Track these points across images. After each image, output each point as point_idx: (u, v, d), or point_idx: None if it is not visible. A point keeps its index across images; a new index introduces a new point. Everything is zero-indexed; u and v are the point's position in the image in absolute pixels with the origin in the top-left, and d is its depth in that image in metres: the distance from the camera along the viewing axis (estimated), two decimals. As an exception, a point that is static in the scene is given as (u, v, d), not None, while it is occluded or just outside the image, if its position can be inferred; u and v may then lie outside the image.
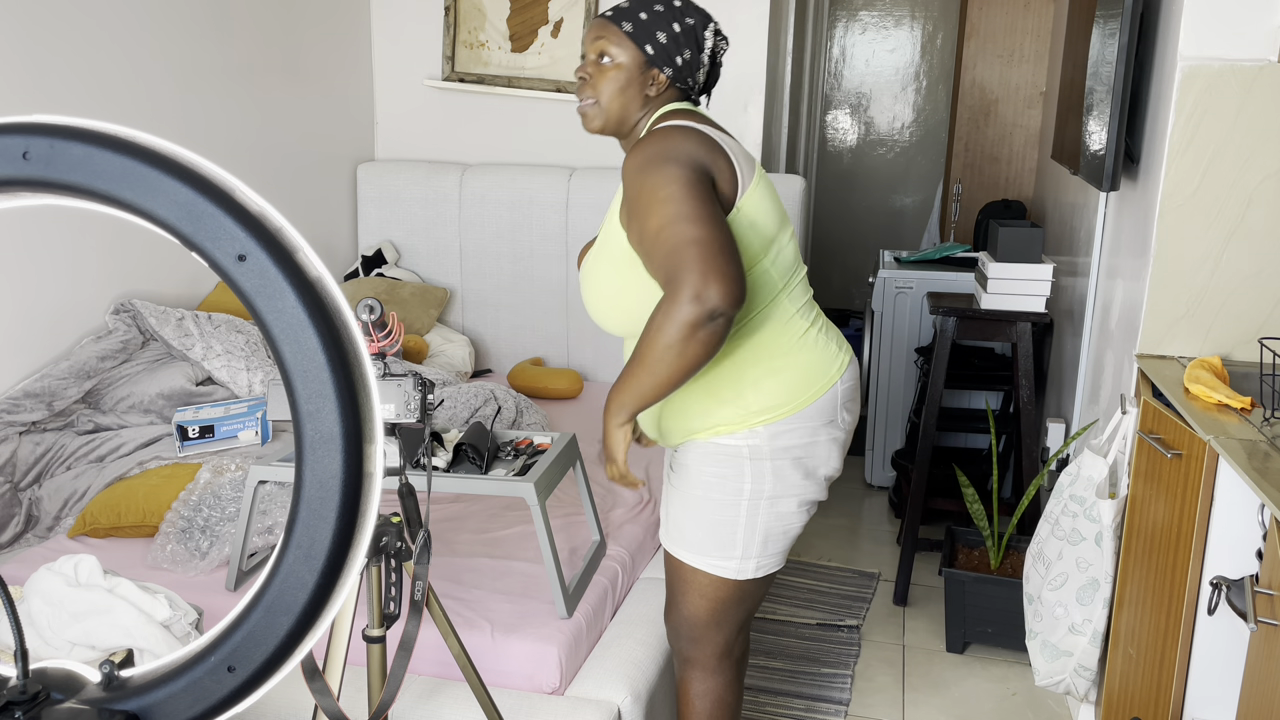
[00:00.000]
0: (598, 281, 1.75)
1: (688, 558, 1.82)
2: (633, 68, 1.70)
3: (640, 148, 1.65)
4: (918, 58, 5.49)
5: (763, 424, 1.73)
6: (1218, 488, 1.79)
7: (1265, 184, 2.12)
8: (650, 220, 1.57)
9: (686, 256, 1.52)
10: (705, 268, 1.51)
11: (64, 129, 0.57)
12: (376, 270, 3.85)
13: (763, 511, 1.77)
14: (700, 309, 1.51)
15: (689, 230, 1.54)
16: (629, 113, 1.73)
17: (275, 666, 0.59)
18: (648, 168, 1.61)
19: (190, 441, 2.64)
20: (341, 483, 0.58)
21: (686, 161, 1.61)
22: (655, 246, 1.57)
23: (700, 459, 1.78)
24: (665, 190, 1.58)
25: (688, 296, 1.51)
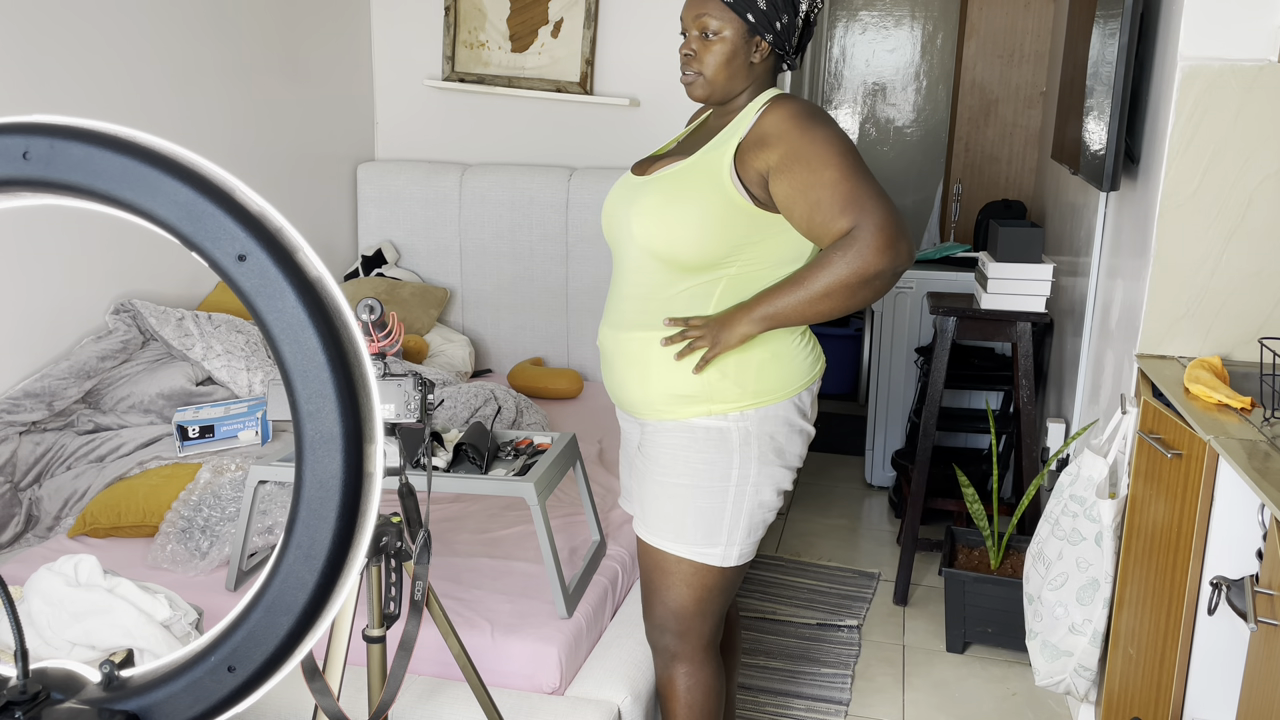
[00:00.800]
0: (683, 211, 1.72)
1: (674, 548, 1.80)
2: (737, 38, 1.72)
3: (793, 102, 1.71)
4: (918, 58, 5.49)
5: (754, 407, 1.75)
6: (1218, 488, 1.79)
7: (1265, 184, 2.12)
8: (827, 170, 1.63)
9: (878, 209, 1.62)
10: (898, 225, 1.63)
11: (64, 129, 0.57)
12: (376, 270, 3.85)
13: (748, 498, 1.78)
14: (889, 261, 1.62)
15: (873, 187, 1.64)
16: (735, 83, 1.76)
17: (275, 666, 0.59)
18: (816, 119, 1.68)
19: (190, 441, 2.64)
20: (341, 483, 0.58)
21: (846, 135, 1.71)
22: (832, 194, 1.63)
23: (684, 444, 1.77)
24: (840, 145, 1.66)
25: (881, 244, 1.61)
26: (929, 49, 5.48)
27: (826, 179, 1.63)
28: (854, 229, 1.63)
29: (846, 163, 1.65)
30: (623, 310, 1.82)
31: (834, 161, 1.64)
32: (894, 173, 5.70)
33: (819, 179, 1.64)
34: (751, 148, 1.70)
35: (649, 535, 1.83)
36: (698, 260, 1.72)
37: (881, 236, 1.62)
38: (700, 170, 1.73)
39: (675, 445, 1.78)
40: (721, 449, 1.76)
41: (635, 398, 1.82)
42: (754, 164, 1.69)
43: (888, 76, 5.55)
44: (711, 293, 1.75)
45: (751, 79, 1.77)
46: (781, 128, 1.68)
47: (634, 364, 1.80)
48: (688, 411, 1.76)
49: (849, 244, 1.63)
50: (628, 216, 1.78)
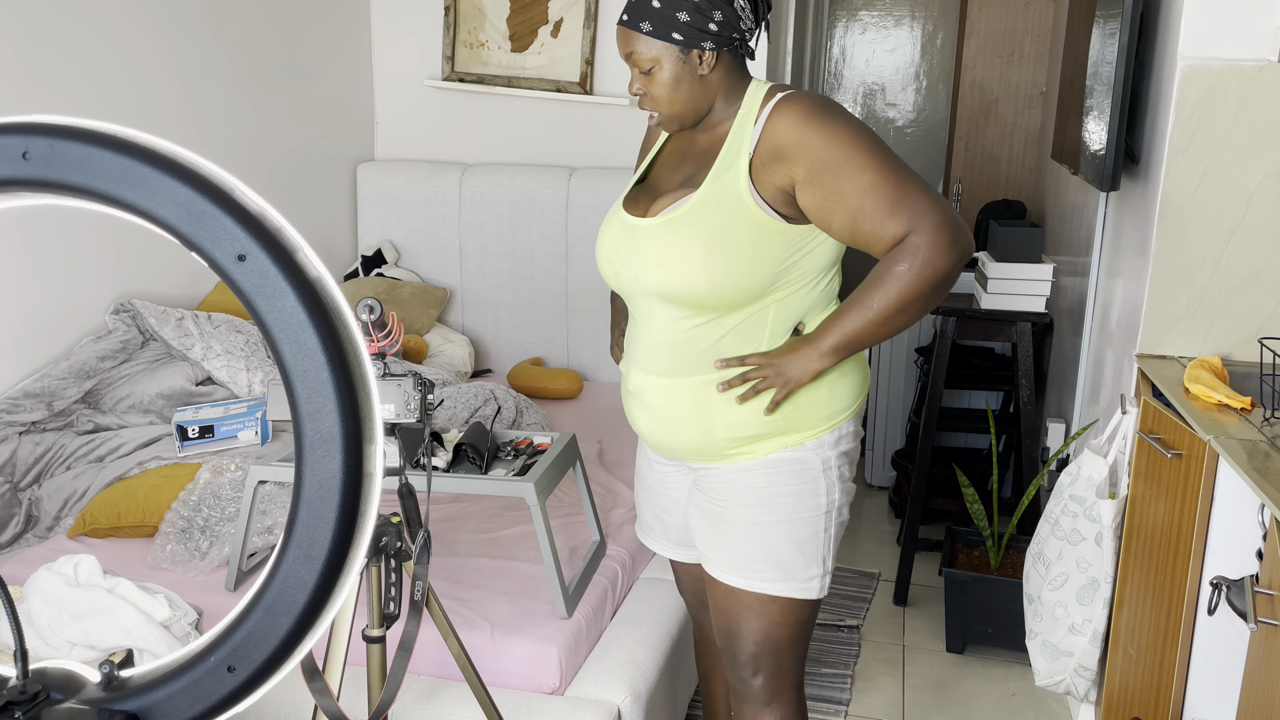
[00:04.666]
0: (715, 252, 1.55)
1: (775, 588, 1.68)
2: (673, 64, 1.56)
3: (800, 101, 1.55)
4: (918, 57, 5.49)
5: (830, 429, 1.66)
6: (1218, 488, 1.79)
7: (1265, 184, 2.12)
8: (863, 174, 1.49)
9: (930, 205, 1.49)
10: (954, 217, 1.50)
11: (64, 129, 0.57)
12: (376, 270, 3.85)
13: (833, 521, 1.70)
14: (957, 258, 1.50)
15: (916, 180, 1.51)
16: (697, 103, 1.60)
17: (275, 666, 0.59)
18: (832, 116, 1.52)
19: (190, 441, 2.64)
20: (341, 483, 0.58)
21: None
22: (875, 199, 1.49)
23: (767, 481, 1.66)
24: (868, 140, 1.51)
25: (945, 243, 1.48)
26: (929, 49, 5.48)
27: (865, 183, 1.49)
28: (909, 233, 1.49)
29: (881, 160, 1.50)
30: (661, 356, 1.66)
31: (867, 162, 1.50)
32: (894, 173, 5.70)
33: (855, 185, 1.49)
34: (767, 162, 1.55)
35: (744, 580, 1.69)
36: (742, 299, 1.58)
37: (944, 235, 1.49)
38: (717, 201, 1.57)
39: (757, 484, 1.66)
40: (806, 477, 1.66)
41: (695, 446, 1.69)
42: (773, 180, 1.55)
43: (888, 76, 5.55)
44: (763, 324, 1.61)
45: (715, 90, 1.61)
46: (797, 134, 1.52)
47: (690, 412, 1.65)
48: (764, 449, 1.65)
49: (911, 251, 1.49)
50: (642, 267, 1.62)
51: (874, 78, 5.56)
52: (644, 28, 1.56)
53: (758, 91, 1.61)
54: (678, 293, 1.59)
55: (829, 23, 5.44)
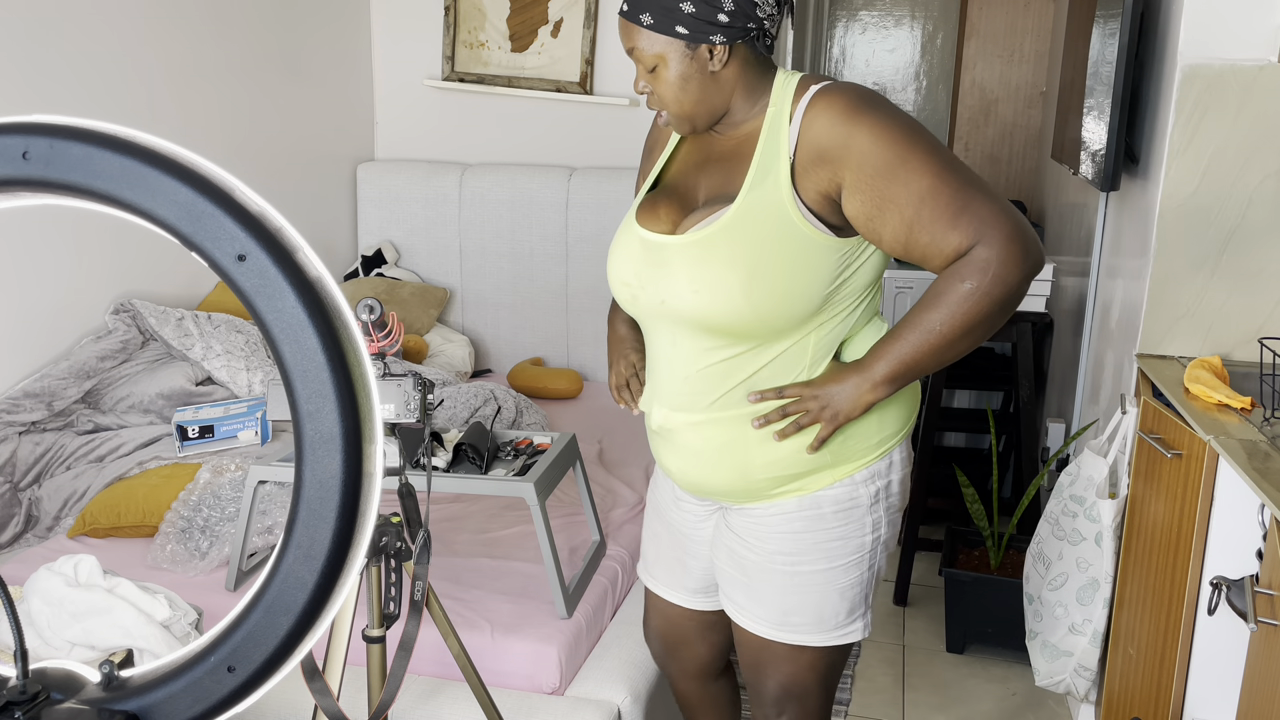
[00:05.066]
0: (761, 274, 1.38)
1: (812, 639, 1.54)
2: (679, 60, 1.39)
3: (840, 95, 1.36)
4: (918, 57, 5.49)
5: (881, 456, 1.51)
6: (1218, 488, 1.79)
7: (1265, 184, 2.12)
8: (920, 178, 1.31)
9: (997, 213, 1.32)
10: (1023, 226, 1.33)
11: (63, 129, 0.57)
12: (376, 270, 3.85)
13: (880, 557, 1.56)
14: (1028, 273, 1.34)
15: (979, 183, 1.34)
16: (711, 103, 1.43)
17: (275, 666, 0.59)
18: (878, 111, 1.35)
19: (190, 441, 2.64)
20: (341, 483, 0.58)
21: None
22: (934, 207, 1.32)
23: (810, 524, 1.50)
24: (922, 139, 1.34)
25: (1017, 257, 1.31)
26: (929, 49, 5.47)
27: (922, 188, 1.32)
28: (975, 245, 1.32)
29: (938, 162, 1.32)
30: (689, 390, 1.49)
31: (923, 165, 1.32)
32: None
33: (911, 190, 1.32)
34: (809, 166, 1.37)
35: (773, 630, 1.55)
36: (788, 326, 1.41)
37: (1015, 248, 1.31)
38: (757, 213, 1.38)
39: (797, 529, 1.50)
40: (853, 516, 1.50)
41: (732, 488, 1.52)
42: (817, 185, 1.37)
43: (888, 76, 5.55)
44: (804, 352, 1.45)
45: (731, 88, 1.43)
46: (841, 133, 1.34)
47: (725, 451, 1.49)
48: (811, 485, 1.49)
49: (978, 267, 1.31)
50: (670, 292, 1.44)
51: (874, 78, 5.56)
52: (645, 20, 1.38)
53: (787, 85, 1.42)
54: (716, 320, 1.41)
55: (829, 23, 5.43)
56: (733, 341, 1.43)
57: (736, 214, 1.38)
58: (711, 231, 1.39)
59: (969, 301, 1.33)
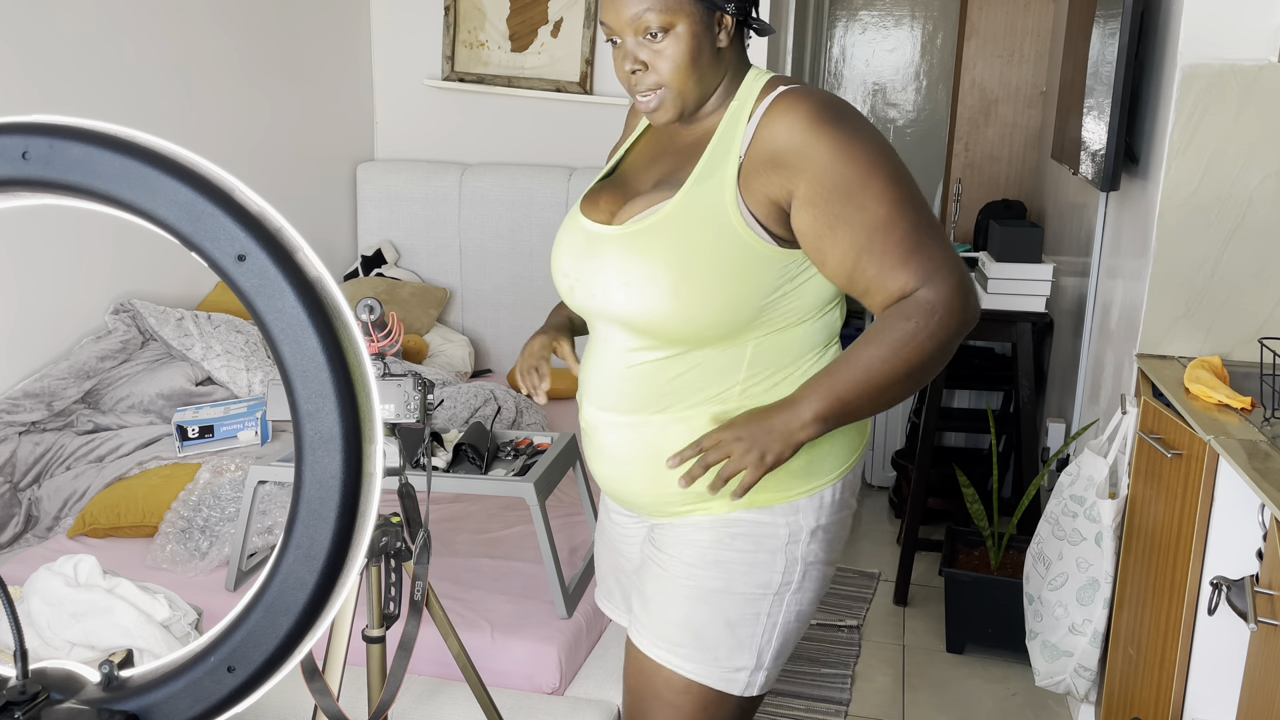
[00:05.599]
0: (688, 274, 1.28)
1: (689, 667, 1.38)
2: (696, 27, 1.27)
3: (808, 99, 1.26)
4: (918, 57, 5.49)
5: (807, 494, 1.38)
6: (1218, 488, 1.79)
7: (1265, 184, 2.12)
8: (877, 205, 1.23)
9: (948, 259, 1.25)
10: (968, 277, 1.27)
11: (63, 129, 0.57)
12: (376, 270, 3.85)
13: (785, 610, 1.40)
14: (967, 325, 1.26)
15: (936, 225, 1.27)
16: (707, 86, 1.32)
17: (275, 667, 0.59)
18: (846, 124, 1.25)
19: (190, 441, 2.64)
20: (341, 483, 0.58)
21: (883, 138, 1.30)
22: (886, 240, 1.23)
23: (715, 541, 1.38)
24: (889, 164, 1.25)
25: (959, 305, 1.24)
26: (929, 49, 5.47)
27: (879, 217, 1.23)
28: (921, 289, 1.24)
29: (899, 192, 1.24)
30: (615, 390, 1.39)
31: (884, 192, 1.23)
32: (894, 173, 5.71)
33: (866, 217, 1.23)
34: (760, 169, 1.28)
35: (658, 649, 1.40)
36: (717, 334, 1.31)
37: (959, 298, 1.24)
38: (697, 211, 1.29)
39: (704, 542, 1.39)
40: (764, 546, 1.37)
41: (645, 499, 1.42)
42: (766, 190, 1.28)
43: (888, 76, 5.55)
44: (738, 364, 1.33)
45: (725, 71, 1.34)
46: (801, 141, 1.25)
47: (641, 459, 1.38)
48: (722, 506, 1.37)
49: (925, 309, 1.23)
50: (600, 284, 1.35)
51: (874, 78, 5.56)
52: None
53: (755, 82, 1.34)
54: (640, 320, 1.32)
55: (829, 23, 5.44)
56: (660, 344, 1.33)
57: (674, 210, 1.30)
58: (645, 226, 1.31)
59: (912, 343, 1.23)
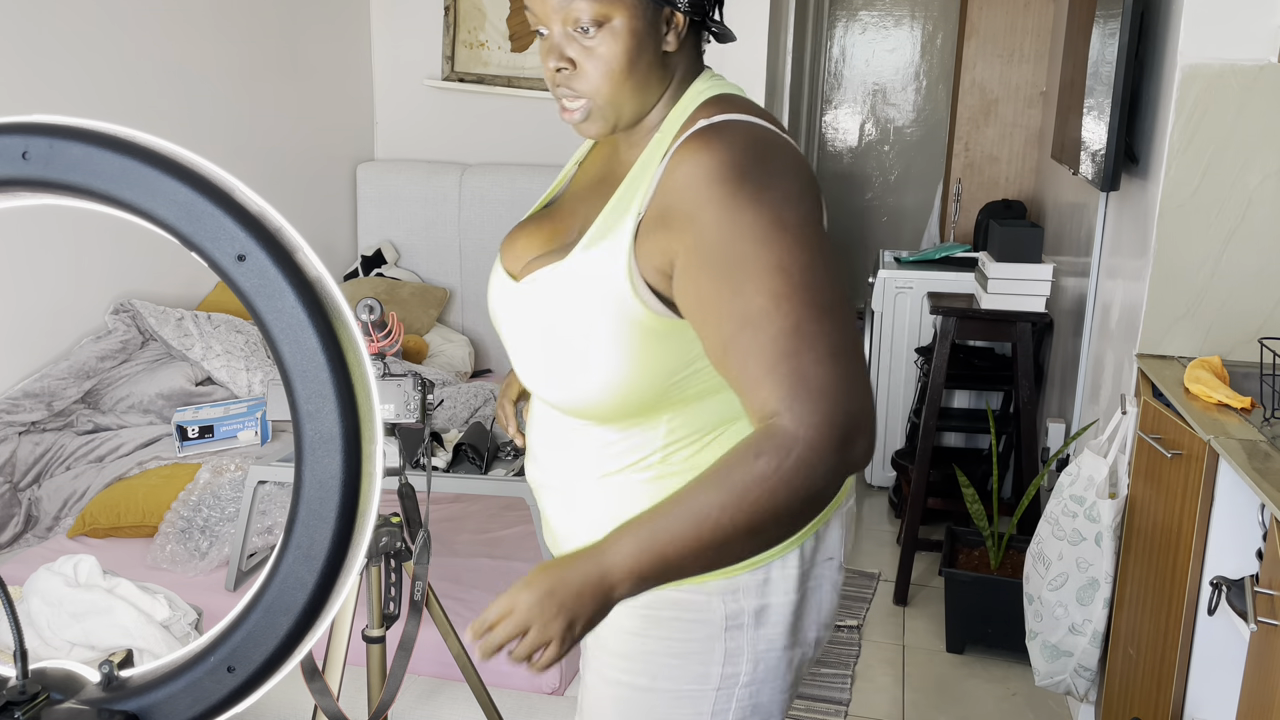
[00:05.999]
0: (575, 350, 1.08)
1: None
2: (637, 22, 1.03)
3: (718, 141, 1.01)
4: (918, 57, 5.49)
5: (748, 568, 1.14)
6: (1218, 488, 1.79)
7: (1265, 184, 2.12)
8: (756, 293, 0.96)
9: (832, 382, 0.94)
10: (862, 403, 0.96)
11: (63, 129, 0.57)
12: (376, 270, 3.85)
13: (737, 707, 1.17)
14: (840, 473, 0.95)
15: (831, 332, 0.96)
16: (647, 96, 1.08)
17: (275, 667, 0.59)
18: (750, 184, 0.99)
19: (190, 441, 2.64)
20: (341, 483, 0.58)
21: (811, 208, 1.01)
22: (756, 338, 0.96)
23: (641, 627, 1.16)
24: (783, 242, 0.97)
25: (838, 440, 0.93)
26: (929, 49, 5.47)
27: (750, 310, 0.96)
28: (782, 414, 0.93)
29: (789, 284, 0.95)
30: (542, 447, 1.22)
31: (768, 280, 0.95)
32: (894, 173, 5.70)
33: (738, 306, 0.96)
34: (654, 226, 1.03)
35: None
36: (616, 415, 1.10)
37: (832, 435, 0.93)
38: (587, 277, 1.06)
39: (628, 628, 1.17)
40: (697, 633, 1.14)
41: None
42: (656, 251, 1.03)
43: (888, 76, 5.55)
44: (654, 430, 1.12)
45: (671, 77, 1.10)
46: (693, 199, 0.99)
47: (573, 524, 1.20)
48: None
49: (783, 445, 0.92)
50: (505, 340, 1.19)
51: (874, 78, 5.56)
52: None
53: (692, 100, 1.10)
54: (532, 388, 1.15)
55: (829, 23, 5.44)
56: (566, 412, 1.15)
57: (565, 271, 1.08)
58: (537, 285, 1.11)
59: (760, 489, 0.92)
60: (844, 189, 5.75)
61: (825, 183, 5.66)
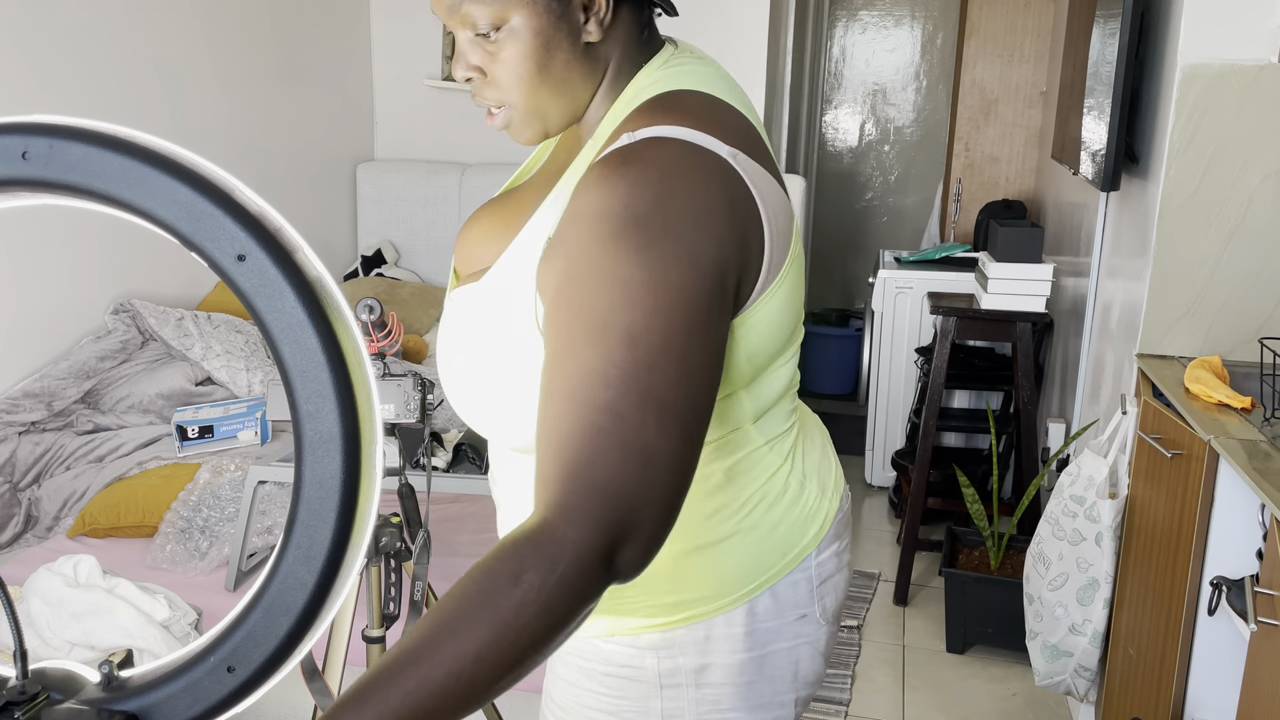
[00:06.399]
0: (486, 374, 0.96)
1: None
2: (541, 20, 0.90)
3: (617, 184, 0.84)
4: (918, 57, 5.49)
5: (684, 622, 1.00)
6: (1218, 488, 1.79)
7: (1265, 184, 2.12)
8: (595, 359, 0.80)
9: (632, 480, 0.78)
10: (655, 511, 0.79)
11: (63, 129, 0.57)
12: (376, 270, 3.85)
13: None
14: (608, 578, 0.78)
15: (654, 426, 0.79)
16: (574, 96, 0.96)
17: (275, 667, 0.59)
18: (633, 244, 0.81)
19: (190, 441, 2.64)
20: (341, 483, 0.58)
21: (710, 268, 0.83)
22: (563, 400, 0.80)
23: (587, 674, 1.06)
24: (654, 320, 0.80)
25: (604, 549, 0.77)
26: (929, 49, 5.47)
27: (583, 371, 0.80)
28: (554, 513, 0.77)
29: (636, 353, 0.79)
30: (494, 467, 1.09)
31: (617, 343, 0.79)
32: (894, 173, 5.70)
33: (575, 365, 0.81)
34: (549, 252, 0.90)
35: None
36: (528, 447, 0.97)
37: (602, 545, 0.76)
38: (504, 292, 0.94)
39: (570, 679, 1.08)
40: (631, 691, 1.03)
41: None
42: (545, 282, 0.89)
43: (888, 76, 5.55)
44: None
45: (600, 67, 0.95)
46: (576, 235, 0.85)
47: None
48: (590, 628, 1.04)
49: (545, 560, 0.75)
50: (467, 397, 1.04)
51: (874, 78, 5.56)
52: None
53: (628, 103, 0.95)
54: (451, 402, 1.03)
55: (829, 23, 5.44)
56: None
57: (486, 289, 0.96)
58: (465, 296, 0.98)
59: (519, 620, 0.73)
60: (844, 189, 5.75)
61: (825, 182, 5.66)
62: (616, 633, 1.02)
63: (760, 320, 0.92)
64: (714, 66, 0.99)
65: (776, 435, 1.02)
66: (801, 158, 4.73)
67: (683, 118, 0.89)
